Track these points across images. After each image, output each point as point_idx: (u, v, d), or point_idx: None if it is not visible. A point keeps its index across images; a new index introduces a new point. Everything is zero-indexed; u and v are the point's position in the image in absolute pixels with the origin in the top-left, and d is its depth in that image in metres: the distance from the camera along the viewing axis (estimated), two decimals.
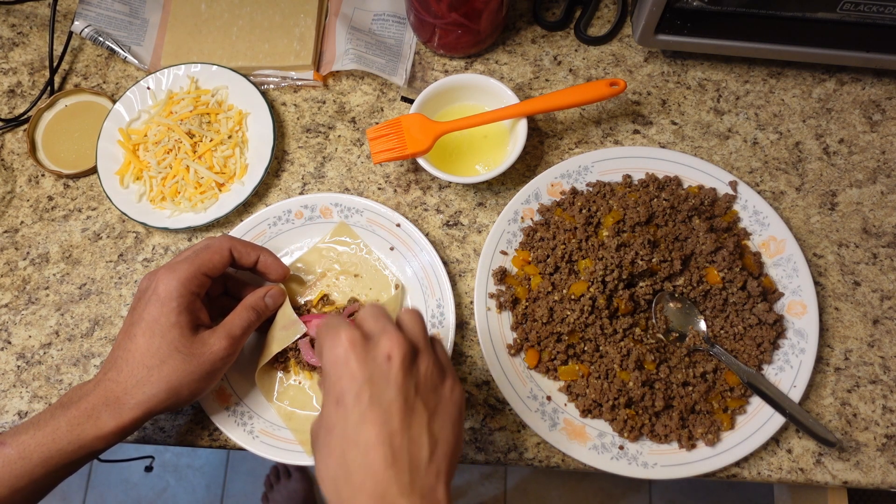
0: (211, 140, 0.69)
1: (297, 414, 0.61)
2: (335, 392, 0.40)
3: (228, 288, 0.61)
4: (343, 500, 0.38)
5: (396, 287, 0.64)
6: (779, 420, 0.57)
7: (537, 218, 0.65)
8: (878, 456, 0.59)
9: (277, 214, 0.66)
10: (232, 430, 0.60)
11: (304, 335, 0.60)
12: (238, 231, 0.65)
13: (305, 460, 0.58)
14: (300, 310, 0.63)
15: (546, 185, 0.65)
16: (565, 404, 0.60)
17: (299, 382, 0.62)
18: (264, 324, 0.60)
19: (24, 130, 0.74)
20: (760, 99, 0.71)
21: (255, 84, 0.71)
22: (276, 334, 0.59)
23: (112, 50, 0.74)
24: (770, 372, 0.59)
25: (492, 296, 0.62)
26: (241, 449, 0.60)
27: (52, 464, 0.48)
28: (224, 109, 0.71)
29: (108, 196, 0.68)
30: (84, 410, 0.49)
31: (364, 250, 0.65)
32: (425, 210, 0.68)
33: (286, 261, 0.66)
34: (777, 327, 0.60)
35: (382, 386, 0.40)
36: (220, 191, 0.68)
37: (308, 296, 0.65)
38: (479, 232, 0.67)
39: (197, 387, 0.52)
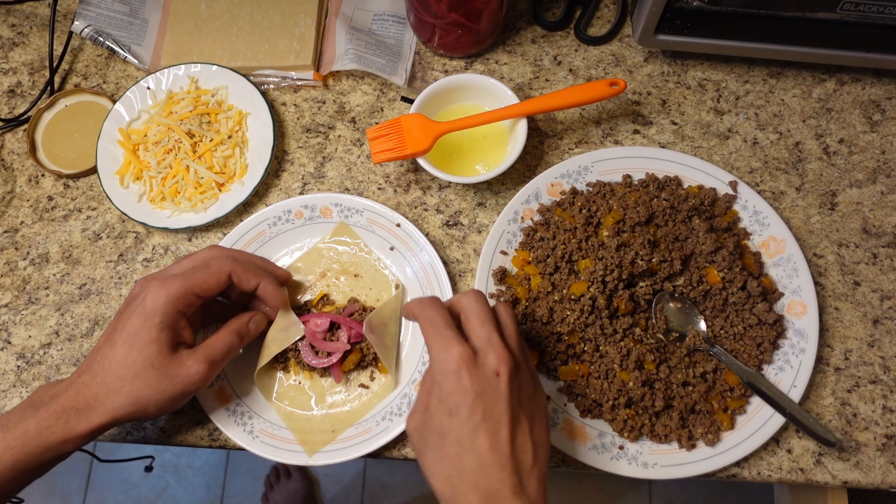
0: (211, 140, 0.69)
1: (297, 414, 0.61)
2: (448, 402, 0.44)
3: (225, 294, 0.60)
4: (456, 497, 0.43)
5: (397, 287, 0.64)
6: (779, 420, 0.57)
7: (537, 218, 0.65)
8: (878, 456, 0.59)
9: (277, 214, 0.66)
10: (232, 429, 0.60)
11: (304, 336, 0.60)
12: (238, 231, 0.65)
13: (305, 460, 0.58)
14: (300, 310, 0.63)
15: (546, 185, 0.65)
16: (565, 404, 0.60)
17: (299, 382, 0.62)
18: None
19: (24, 130, 0.74)
20: (760, 99, 0.71)
21: (255, 84, 0.71)
22: (275, 335, 0.59)
23: (112, 50, 0.74)
24: (770, 372, 0.59)
25: (492, 296, 0.62)
26: (241, 449, 0.60)
27: (20, 467, 0.49)
28: (224, 109, 0.71)
29: (108, 196, 0.68)
30: (54, 412, 0.49)
31: (364, 250, 0.65)
32: (425, 210, 0.68)
33: (286, 261, 0.66)
34: (777, 327, 0.60)
35: (493, 400, 0.44)
36: (220, 191, 0.68)
37: (308, 296, 0.65)
38: (479, 232, 0.67)
39: (166, 405, 0.52)
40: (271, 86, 0.74)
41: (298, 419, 0.60)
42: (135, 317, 0.51)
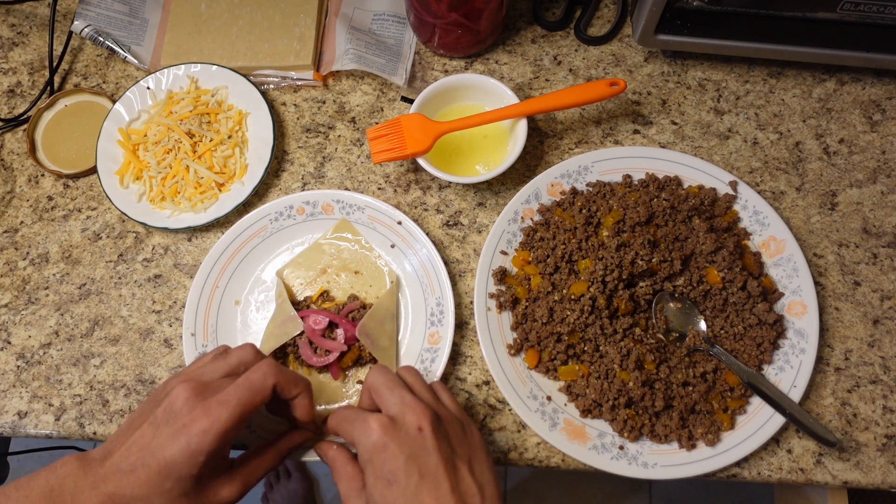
0: (211, 140, 0.69)
1: None
2: (384, 474, 0.44)
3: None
4: None
5: (391, 281, 0.64)
6: (779, 420, 0.57)
7: (537, 218, 0.65)
8: (879, 456, 0.59)
9: (279, 210, 0.66)
10: None
11: (303, 332, 0.60)
12: (239, 226, 0.65)
13: (302, 456, 0.58)
14: (299, 306, 0.63)
15: (546, 185, 0.65)
16: (565, 404, 0.60)
17: None
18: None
19: (24, 130, 0.74)
20: (760, 99, 0.71)
21: (255, 84, 0.71)
22: (273, 330, 0.59)
23: (112, 50, 0.74)
24: (770, 372, 0.59)
25: (492, 296, 0.62)
26: (241, 448, 0.60)
27: None
28: (224, 109, 0.71)
29: (107, 196, 0.68)
30: None
31: (365, 247, 0.65)
32: (425, 210, 0.68)
33: (287, 256, 0.66)
34: (777, 327, 0.60)
35: (424, 456, 0.44)
36: (220, 191, 0.68)
37: (308, 291, 0.65)
38: (479, 232, 0.67)
39: None
40: (271, 86, 0.74)
41: None
42: (177, 448, 0.44)
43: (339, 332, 0.61)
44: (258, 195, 0.70)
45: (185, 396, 0.46)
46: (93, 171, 0.71)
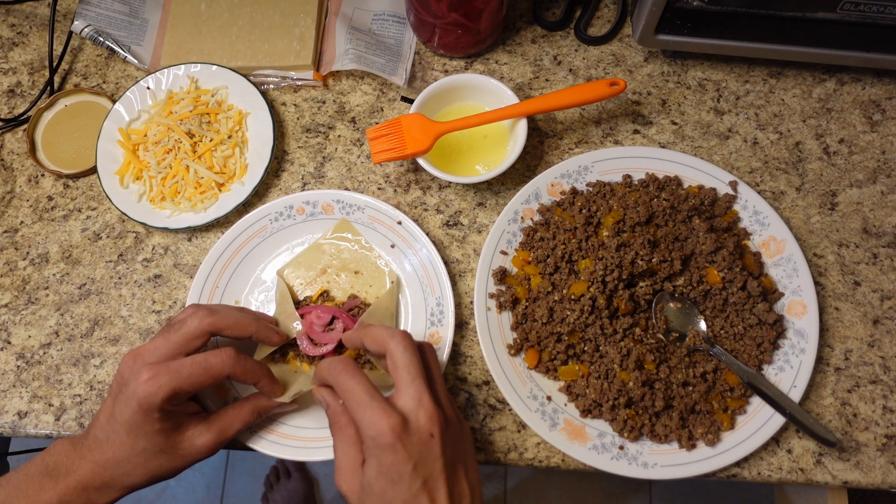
0: (211, 140, 0.69)
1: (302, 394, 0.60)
2: (389, 474, 0.44)
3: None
4: None
5: (391, 281, 0.64)
6: (779, 420, 0.57)
7: (537, 218, 0.65)
8: (879, 456, 0.59)
9: (279, 210, 0.66)
10: None
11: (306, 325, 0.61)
12: (239, 226, 0.65)
13: (302, 456, 0.58)
14: (299, 305, 0.63)
15: (546, 185, 0.65)
16: (565, 404, 0.60)
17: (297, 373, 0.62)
18: None
19: (24, 130, 0.74)
20: (760, 99, 0.71)
21: (255, 84, 0.71)
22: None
23: (112, 50, 0.74)
24: (770, 372, 0.59)
25: (492, 296, 0.62)
26: (240, 448, 0.60)
27: None
28: (224, 109, 0.71)
29: (107, 196, 0.68)
30: (74, 489, 0.50)
31: (365, 247, 0.65)
32: (425, 210, 0.68)
33: (287, 256, 0.66)
34: (777, 327, 0.60)
35: (431, 463, 0.45)
36: (220, 191, 0.68)
37: (308, 292, 0.65)
38: (479, 232, 0.67)
39: (180, 471, 0.54)
40: (271, 86, 0.74)
41: (305, 399, 0.60)
42: (130, 409, 0.49)
43: (339, 324, 0.61)
44: (258, 195, 0.70)
45: (129, 366, 0.51)
46: (93, 171, 0.71)
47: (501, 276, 0.62)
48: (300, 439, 0.59)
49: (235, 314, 0.55)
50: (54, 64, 0.74)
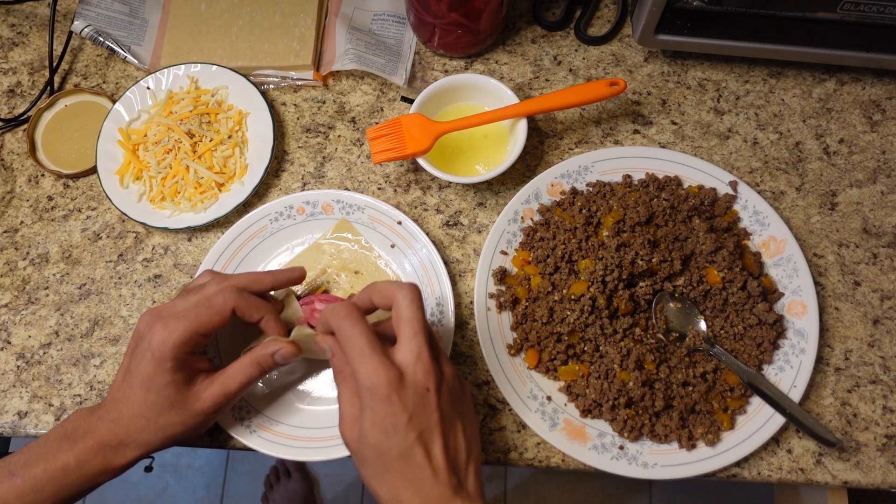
0: (211, 140, 0.69)
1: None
2: (384, 424, 0.45)
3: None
4: (402, 502, 0.45)
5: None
6: (779, 420, 0.57)
7: (537, 218, 0.65)
8: (879, 456, 0.59)
9: (279, 210, 0.66)
10: (230, 424, 0.59)
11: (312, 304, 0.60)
12: (239, 226, 0.65)
13: (302, 456, 0.58)
14: (299, 299, 0.63)
15: (546, 185, 0.65)
16: (565, 404, 0.60)
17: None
18: None
19: (24, 130, 0.74)
20: (760, 99, 0.71)
21: (255, 84, 0.71)
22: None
23: (112, 50, 0.74)
24: (770, 372, 0.59)
25: (492, 296, 0.62)
26: (241, 448, 0.60)
27: (61, 496, 0.51)
28: (224, 109, 0.71)
29: (107, 196, 0.68)
30: (91, 448, 0.51)
31: (365, 247, 0.65)
32: (425, 210, 0.68)
33: (287, 256, 0.66)
34: (777, 327, 0.60)
35: (426, 415, 0.46)
36: (220, 191, 0.68)
37: (308, 291, 0.65)
38: (479, 232, 0.67)
39: (192, 432, 0.54)
40: (271, 86, 0.74)
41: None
42: (145, 362, 0.51)
43: None
44: (258, 195, 0.70)
45: (146, 321, 0.53)
46: (93, 171, 0.71)
47: (501, 276, 0.62)
48: (300, 439, 0.59)
49: (251, 273, 0.57)
50: (54, 64, 0.74)
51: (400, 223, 0.64)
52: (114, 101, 0.71)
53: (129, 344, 0.54)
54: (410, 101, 0.71)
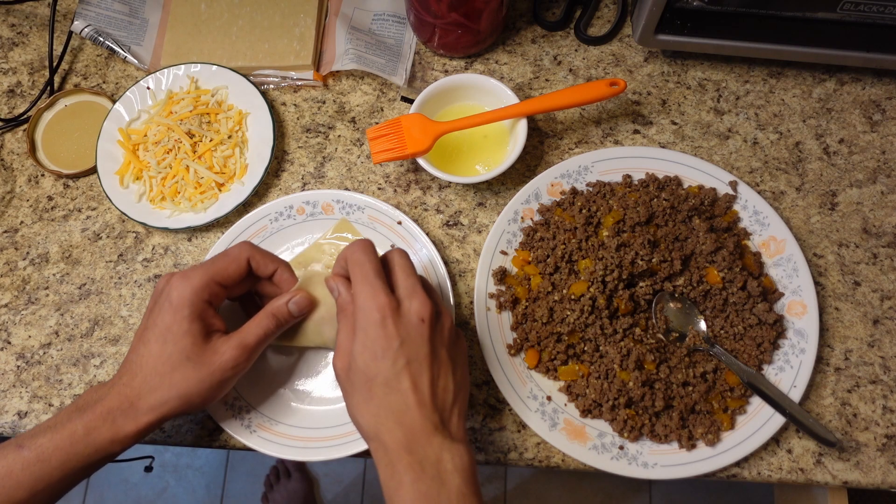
0: (211, 140, 0.69)
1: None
2: (374, 348, 0.46)
3: (257, 289, 0.59)
4: (381, 433, 0.46)
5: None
6: (779, 420, 0.57)
7: (537, 218, 0.65)
8: (879, 456, 0.59)
9: (279, 210, 0.66)
10: (230, 425, 0.60)
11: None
12: (239, 226, 0.65)
13: (302, 456, 0.58)
14: None
15: (546, 185, 0.65)
16: (565, 404, 0.60)
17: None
18: None
19: (24, 130, 0.74)
20: (760, 99, 0.71)
21: (255, 84, 0.71)
22: (309, 326, 0.58)
23: (112, 50, 0.74)
24: (770, 372, 0.59)
25: (492, 296, 0.62)
26: (240, 448, 0.60)
27: (69, 466, 0.49)
28: (224, 109, 0.71)
29: (107, 196, 0.68)
30: (100, 414, 0.50)
31: None
32: (425, 210, 0.68)
33: (287, 256, 0.66)
34: (777, 327, 0.60)
35: (417, 345, 0.47)
36: (220, 191, 0.68)
37: None
38: (479, 232, 0.67)
39: (208, 394, 0.52)
40: (271, 86, 0.74)
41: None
42: (164, 312, 0.51)
43: None
44: (258, 195, 0.70)
45: (164, 279, 0.53)
46: (93, 171, 0.71)
47: (501, 276, 0.62)
48: (300, 439, 0.59)
49: (270, 253, 0.58)
50: (54, 64, 0.74)
51: (400, 223, 0.64)
52: (114, 101, 0.71)
53: (147, 306, 0.54)
54: (410, 101, 0.71)
